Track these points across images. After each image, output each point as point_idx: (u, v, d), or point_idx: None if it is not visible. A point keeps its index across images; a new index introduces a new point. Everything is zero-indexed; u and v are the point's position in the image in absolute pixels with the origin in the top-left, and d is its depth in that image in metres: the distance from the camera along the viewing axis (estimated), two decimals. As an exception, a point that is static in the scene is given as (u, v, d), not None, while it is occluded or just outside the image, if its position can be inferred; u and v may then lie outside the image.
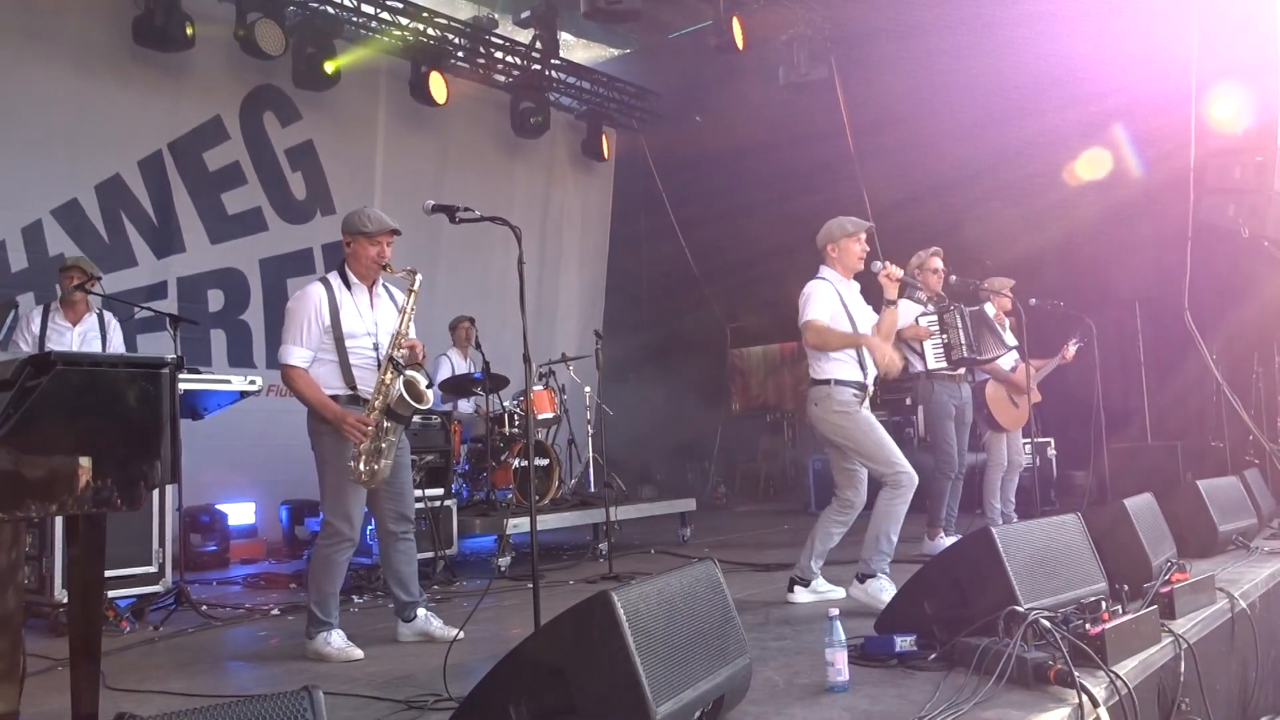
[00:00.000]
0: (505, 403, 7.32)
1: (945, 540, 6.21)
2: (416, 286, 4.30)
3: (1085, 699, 2.76)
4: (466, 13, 10.80)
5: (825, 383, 4.75)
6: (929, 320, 6.23)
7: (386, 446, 4.10)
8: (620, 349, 10.78)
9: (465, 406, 7.89)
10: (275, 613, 5.34)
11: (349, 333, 4.21)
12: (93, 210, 7.99)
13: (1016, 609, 3.09)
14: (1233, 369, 8.09)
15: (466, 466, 7.32)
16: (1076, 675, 2.80)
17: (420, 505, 6.12)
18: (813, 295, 4.79)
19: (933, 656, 3.26)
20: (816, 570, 4.84)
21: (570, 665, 2.37)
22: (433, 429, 6.63)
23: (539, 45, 10.83)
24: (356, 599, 5.61)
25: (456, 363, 8.03)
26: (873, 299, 4.96)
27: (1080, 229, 8.67)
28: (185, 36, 8.06)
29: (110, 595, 4.72)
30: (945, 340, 6.21)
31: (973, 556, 3.40)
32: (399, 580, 4.36)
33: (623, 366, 11.06)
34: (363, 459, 4.05)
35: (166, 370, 2.66)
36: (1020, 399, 6.82)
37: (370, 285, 4.36)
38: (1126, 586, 3.56)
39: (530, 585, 3.65)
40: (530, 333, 3.86)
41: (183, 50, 8.19)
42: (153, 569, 5.06)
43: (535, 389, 7.21)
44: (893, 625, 3.51)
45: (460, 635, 4.03)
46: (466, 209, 4.01)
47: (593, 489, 7.96)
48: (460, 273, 10.19)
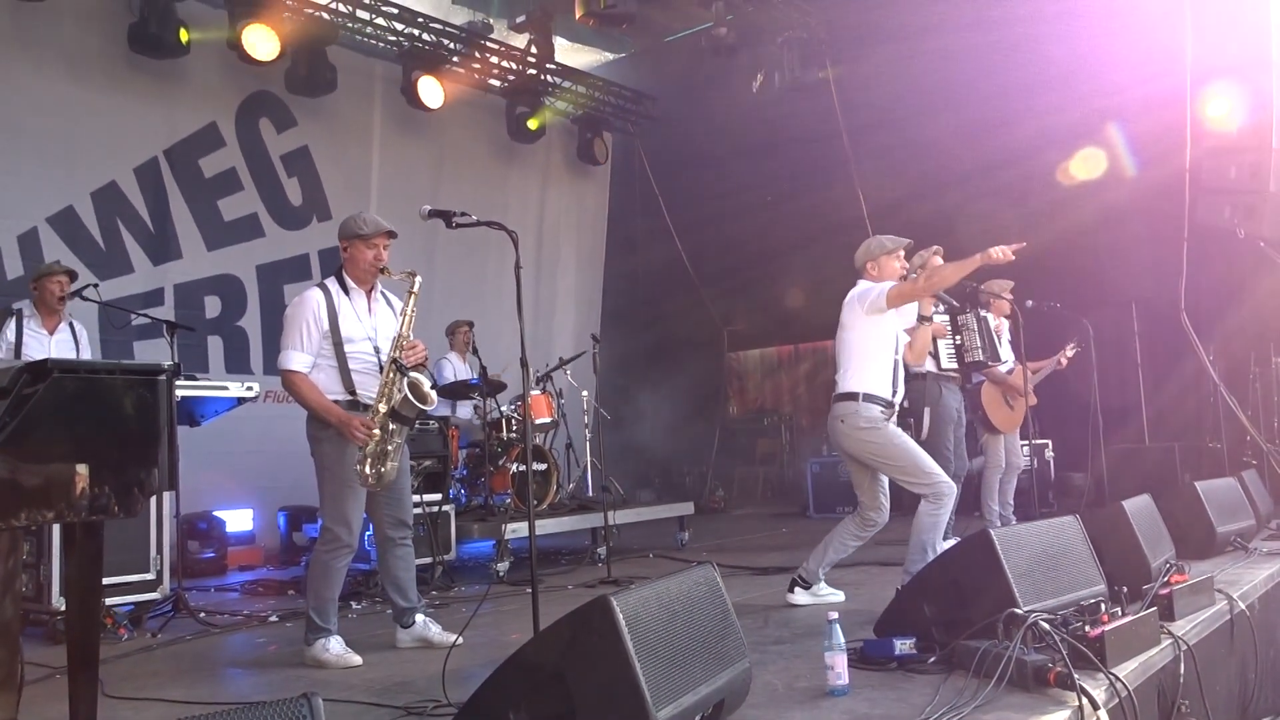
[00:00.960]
0: (503, 407, 7.31)
1: (944, 543, 6.20)
2: (416, 288, 4.28)
3: (1085, 701, 2.76)
4: (461, 18, 10.80)
5: (853, 397, 4.61)
6: (940, 320, 6.23)
7: (393, 449, 4.09)
8: (617, 353, 10.78)
9: (463, 411, 7.88)
10: (273, 619, 5.33)
11: (348, 338, 4.21)
12: (89, 218, 7.98)
13: (1016, 611, 3.09)
14: (1230, 370, 8.09)
15: (464, 471, 7.31)
16: (1076, 677, 2.80)
17: (418, 510, 6.11)
18: (870, 287, 4.71)
19: (932, 659, 3.26)
20: (821, 575, 4.83)
21: (570, 670, 2.37)
22: (430, 434, 6.62)
23: (534, 50, 10.85)
24: (355, 605, 5.60)
25: (457, 366, 8.02)
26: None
27: (1077, 230, 8.67)
28: (180, 43, 8.05)
29: (108, 602, 4.71)
30: (959, 342, 6.22)
31: (972, 559, 3.40)
32: (397, 586, 4.34)
33: (620, 370, 11.06)
34: (369, 462, 4.04)
35: (164, 377, 2.65)
36: (1015, 401, 6.83)
37: (369, 290, 4.36)
38: (1125, 588, 3.56)
39: (529, 590, 3.65)
40: (527, 337, 3.86)
41: (178, 57, 8.19)
42: (150, 576, 5.05)
43: (533, 393, 7.21)
44: (892, 628, 3.51)
45: (459, 640, 4.01)
46: (463, 214, 4.01)
47: (591, 493, 7.96)
48: (457, 278, 10.19)
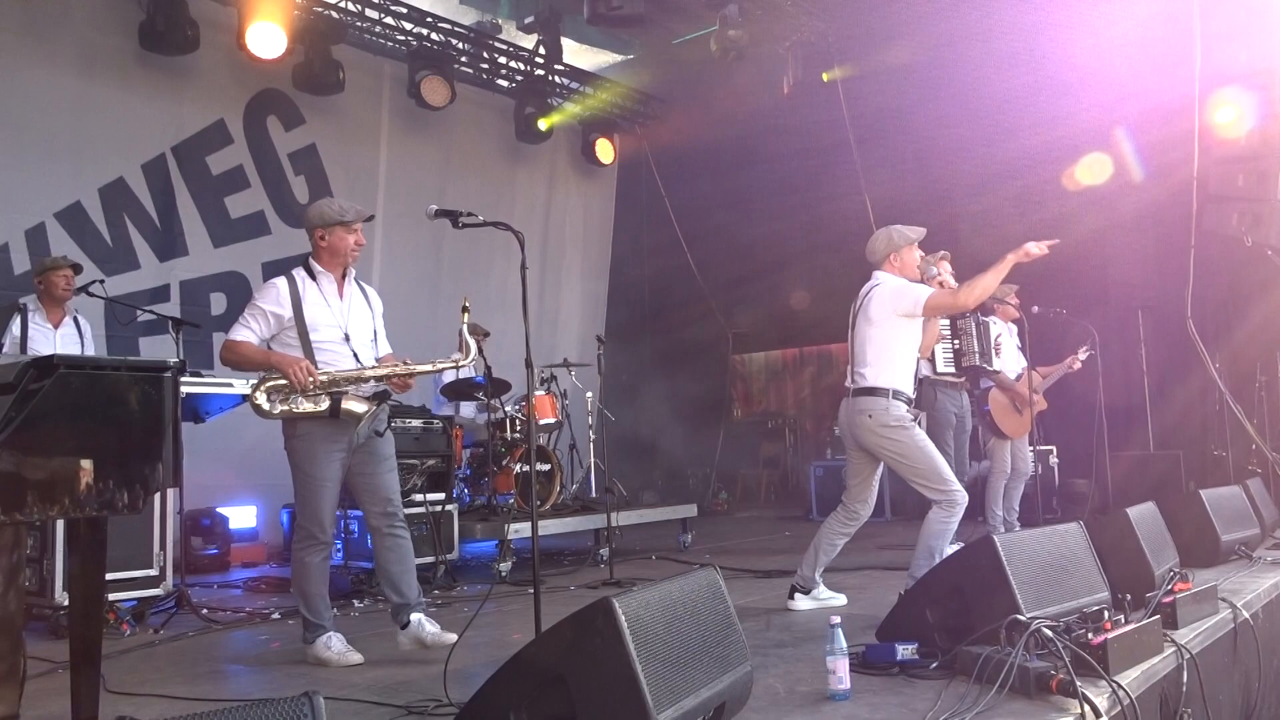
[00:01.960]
0: (507, 408, 7.31)
1: (948, 548, 6.19)
2: (464, 362, 4.34)
3: (1088, 709, 2.75)
4: (470, 18, 10.82)
5: (883, 392, 4.51)
6: (940, 324, 6.23)
7: (300, 410, 3.96)
8: (622, 354, 10.79)
9: (467, 411, 7.88)
10: (276, 616, 5.33)
11: (313, 324, 4.11)
12: (96, 213, 8.00)
13: (1019, 618, 3.08)
14: (1236, 378, 8.08)
15: (468, 471, 7.31)
16: (1079, 685, 2.79)
17: (421, 510, 6.13)
18: (909, 286, 4.62)
19: (934, 665, 3.25)
20: (818, 579, 4.81)
21: (571, 671, 2.36)
22: (434, 434, 6.63)
23: (542, 50, 10.85)
24: (357, 603, 5.61)
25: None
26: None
27: (1083, 237, 8.64)
28: (189, 40, 8.07)
29: (111, 598, 4.71)
30: (957, 346, 6.20)
31: (975, 565, 3.39)
32: (389, 580, 4.21)
33: (624, 372, 11.07)
34: (271, 389, 3.95)
35: (169, 374, 2.66)
36: (1024, 407, 6.81)
37: (340, 276, 4.28)
38: (1129, 596, 3.55)
39: (531, 591, 3.64)
40: (532, 338, 3.86)
41: (187, 54, 8.21)
42: (154, 572, 5.06)
43: (537, 394, 7.22)
44: (894, 633, 3.51)
45: (455, 639, 3.95)
46: (469, 214, 4.01)
47: (594, 494, 7.97)
48: (462, 277, 10.20)
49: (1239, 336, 8.25)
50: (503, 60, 10.85)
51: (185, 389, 4.95)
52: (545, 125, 11.04)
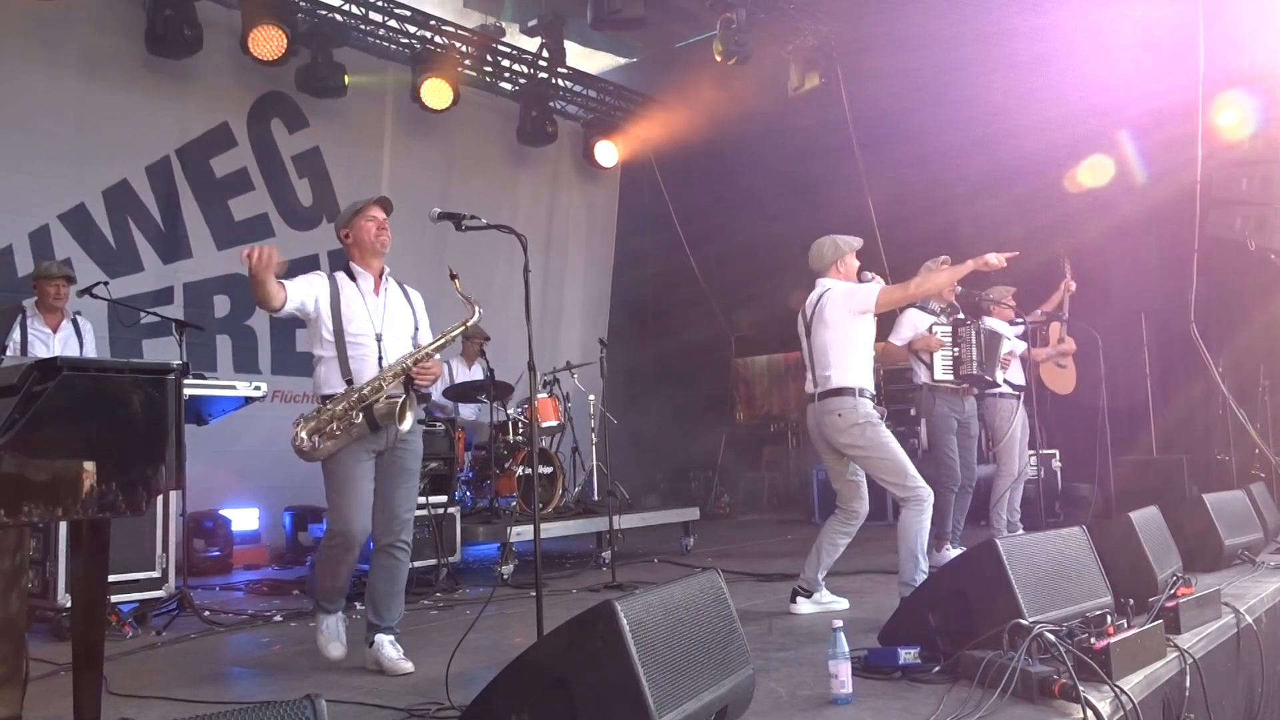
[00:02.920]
0: (509, 410, 7.32)
1: (951, 552, 6.19)
2: (471, 321, 4.29)
3: (1090, 714, 2.75)
4: (473, 21, 10.83)
5: (849, 391, 4.63)
6: (943, 331, 6.22)
7: (341, 434, 3.90)
8: (625, 357, 10.78)
9: (469, 413, 7.88)
10: (278, 619, 5.33)
11: (349, 325, 4.07)
12: (100, 216, 8.01)
13: (1021, 622, 3.08)
14: (1239, 382, 8.06)
15: (470, 474, 7.31)
16: (1081, 690, 2.79)
17: (424, 512, 6.12)
18: (858, 286, 4.74)
19: (937, 669, 3.25)
20: (820, 582, 4.82)
21: (573, 675, 2.36)
22: (437, 436, 6.63)
23: (545, 53, 10.86)
24: (359, 605, 5.59)
25: (458, 371, 8.01)
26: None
27: (1087, 241, 8.64)
28: (193, 43, 8.08)
29: (113, 600, 4.72)
30: (956, 354, 6.20)
31: (978, 569, 3.39)
32: (373, 599, 4.06)
33: (627, 375, 11.06)
34: (309, 427, 3.87)
35: (172, 376, 2.66)
36: (1065, 361, 7.27)
37: (377, 275, 4.28)
38: (1132, 600, 3.54)
39: (533, 594, 3.64)
40: (534, 340, 3.86)
41: (190, 56, 8.22)
42: (156, 574, 5.06)
43: (539, 397, 7.21)
44: (896, 637, 3.50)
45: (411, 669, 3.85)
46: (473, 217, 4.02)
47: (596, 497, 7.96)
48: (465, 280, 10.14)
49: (1242, 340, 8.24)
50: (506, 63, 10.85)
51: (188, 391, 4.95)
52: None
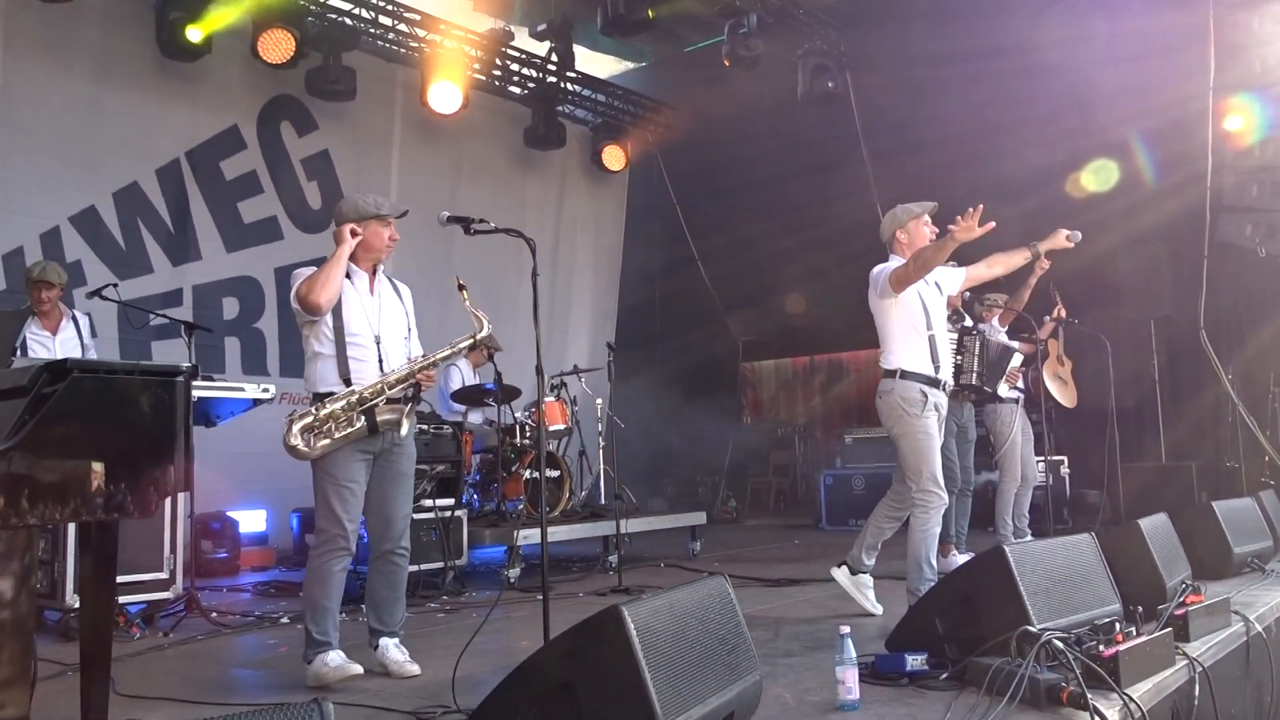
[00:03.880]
0: (517, 414, 7.32)
1: (958, 558, 6.17)
2: (480, 334, 4.22)
3: (1098, 721, 2.74)
4: (483, 24, 10.86)
5: (893, 374, 4.62)
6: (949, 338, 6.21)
7: (338, 436, 3.84)
8: (632, 361, 10.78)
9: (476, 417, 7.89)
10: (285, 621, 5.33)
11: (349, 321, 4.01)
12: (110, 218, 8.05)
13: (1029, 629, 3.07)
14: (1249, 389, 8.04)
15: (478, 477, 7.32)
16: (1090, 697, 2.77)
17: (430, 515, 6.13)
18: (882, 268, 4.67)
19: (944, 676, 3.23)
20: (867, 562, 4.84)
21: (579, 679, 2.36)
22: (444, 439, 6.64)
23: (554, 58, 10.88)
24: (364, 607, 5.59)
25: (465, 374, 8.03)
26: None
27: (1097, 248, 8.61)
28: (202, 46, 8.11)
29: (121, 601, 4.72)
30: (958, 362, 6.20)
31: (985, 575, 3.37)
32: (374, 604, 4.04)
33: (634, 378, 11.06)
34: (302, 423, 3.82)
35: (181, 378, 2.67)
36: (1063, 371, 7.33)
37: (371, 272, 4.18)
38: (1140, 608, 3.53)
39: (540, 597, 3.64)
40: (543, 344, 3.86)
41: (200, 59, 8.25)
42: (164, 575, 5.08)
43: (547, 400, 7.22)
44: (904, 643, 3.49)
45: (418, 672, 3.84)
46: (481, 220, 4.02)
47: (603, 501, 7.96)
48: (473, 283, 10.15)
49: (1252, 348, 8.21)
50: (515, 67, 10.87)
51: (197, 393, 4.96)
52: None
